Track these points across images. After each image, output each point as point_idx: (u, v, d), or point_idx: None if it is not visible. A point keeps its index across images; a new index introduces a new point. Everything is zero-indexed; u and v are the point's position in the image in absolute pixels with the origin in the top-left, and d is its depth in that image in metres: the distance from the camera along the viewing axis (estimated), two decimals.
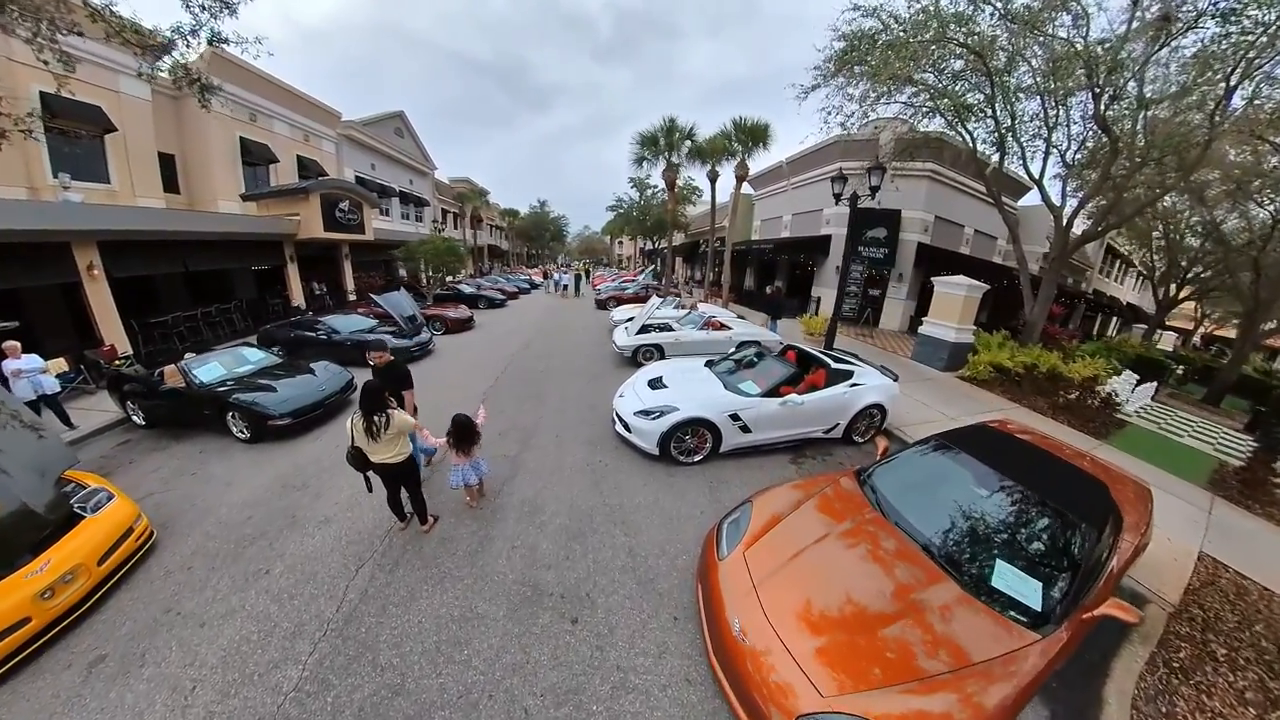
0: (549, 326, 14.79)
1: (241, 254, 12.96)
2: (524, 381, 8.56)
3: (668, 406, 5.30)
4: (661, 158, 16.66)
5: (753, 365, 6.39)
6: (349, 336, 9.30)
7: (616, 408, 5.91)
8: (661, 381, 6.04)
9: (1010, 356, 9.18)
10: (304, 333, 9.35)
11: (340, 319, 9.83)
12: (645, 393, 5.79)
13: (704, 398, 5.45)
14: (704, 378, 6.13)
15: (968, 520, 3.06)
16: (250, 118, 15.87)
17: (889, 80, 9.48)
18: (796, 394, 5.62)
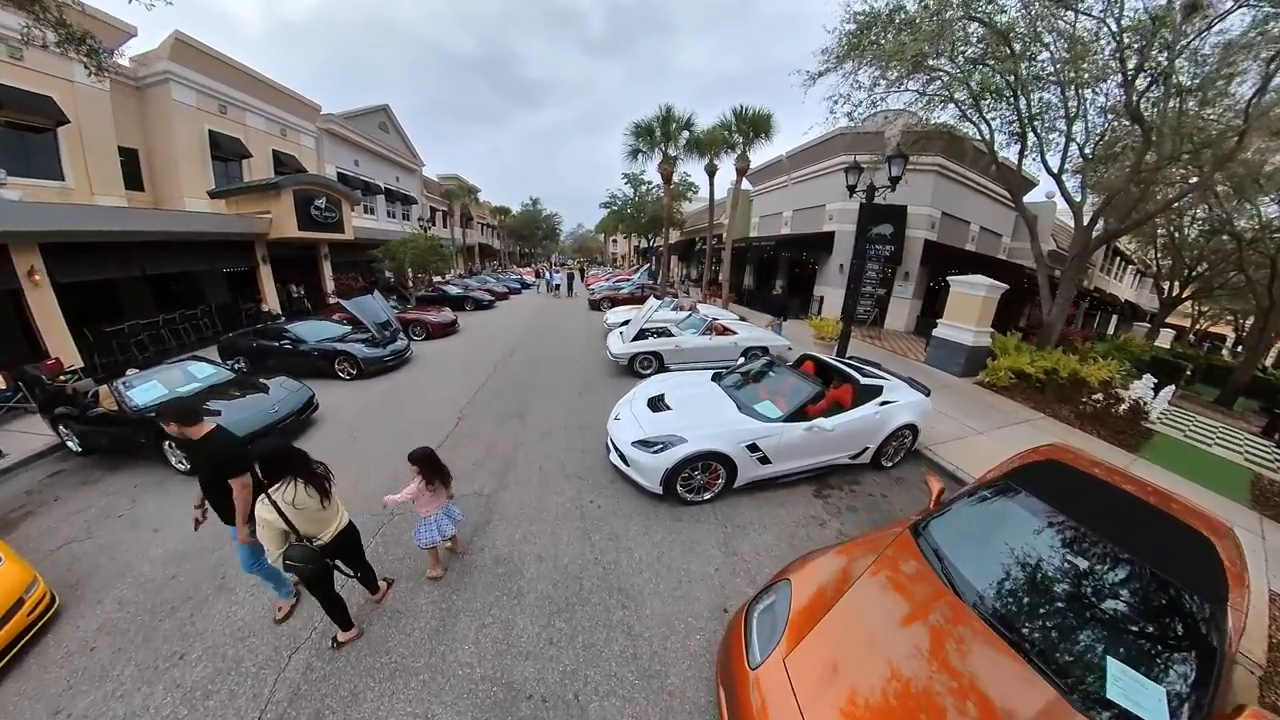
0: (538, 330, 14.07)
1: (208, 256, 12.12)
2: (506, 396, 7.81)
3: (673, 437, 4.49)
4: (657, 150, 15.84)
5: (767, 379, 5.63)
6: (316, 346, 8.55)
7: (612, 433, 5.10)
8: (664, 402, 5.27)
9: (1030, 361, 8.72)
10: (267, 342, 8.58)
11: (307, 326, 9.06)
12: (645, 415, 5.01)
13: (716, 424, 4.68)
14: (713, 396, 5.36)
15: (1058, 599, 2.41)
16: (220, 109, 14.96)
17: (904, 64, 8.84)
18: (824, 418, 4.85)
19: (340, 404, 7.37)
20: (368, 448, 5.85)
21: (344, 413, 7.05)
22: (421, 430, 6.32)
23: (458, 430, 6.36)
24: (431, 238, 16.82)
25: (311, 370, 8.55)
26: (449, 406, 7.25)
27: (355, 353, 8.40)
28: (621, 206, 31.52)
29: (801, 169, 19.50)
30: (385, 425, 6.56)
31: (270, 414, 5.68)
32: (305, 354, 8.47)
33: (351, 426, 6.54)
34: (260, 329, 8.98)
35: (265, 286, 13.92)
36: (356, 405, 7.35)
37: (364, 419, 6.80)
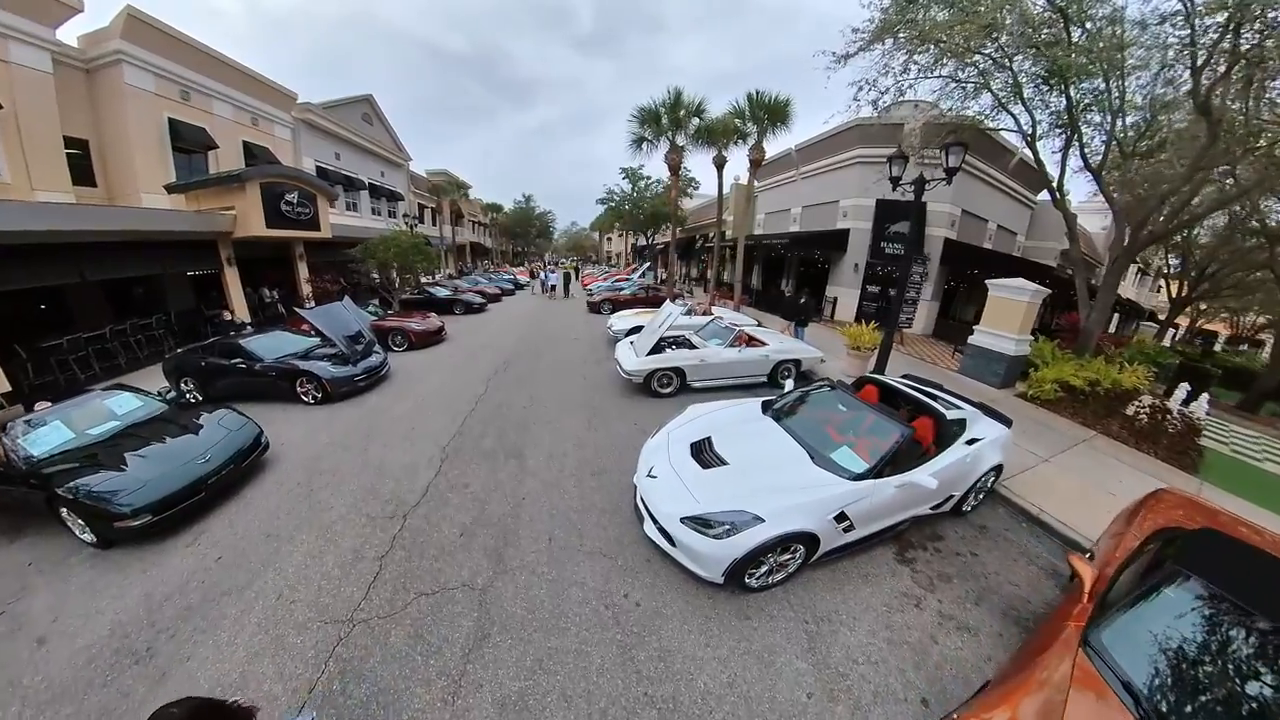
0: (535, 337, 12.90)
1: (163, 258, 10.84)
2: (500, 426, 6.63)
3: (740, 515, 3.36)
4: (664, 138, 14.60)
5: (835, 411, 4.66)
6: (274, 364, 7.33)
7: (646, 496, 3.97)
8: (712, 449, 4.18)
9: (1075, 372, 8.16)
10: (217, 360, 7.38)
11: (265, 340, 7.83)
12: (691, 472, 3.92)
13: (791, 490, 3.60)
14: (775, 441, 4.28)
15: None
16: (182, 95, 13.60)
17: (952, 44, 7.86)
18: (917, 467, 3.95)
19: (299, 438, 6.23)
20: (326, 507, 4.70)
21: (302, 451, 5.89)
22: (394, 476, 5.22)
23: (440, 479, 5.20)
24: (415, 234, 15.54)
25: (270, 392, 7.40)
26: (430, 442, 6.10)
27: (319, 372, 7.23)
28: (619, 203, 30.32)
29: (812, 163, 18.54)
30: (350, 469, 5.41)
31: (198, 465, 4.50)
32: (262, 374, 7.27)
33: (309, 471, 5.39)
34: (208, 345, 7.75)
35: (231, 291, 12.64)
36: (318, 439, 6.20)
37: (325, 460, 5.64)
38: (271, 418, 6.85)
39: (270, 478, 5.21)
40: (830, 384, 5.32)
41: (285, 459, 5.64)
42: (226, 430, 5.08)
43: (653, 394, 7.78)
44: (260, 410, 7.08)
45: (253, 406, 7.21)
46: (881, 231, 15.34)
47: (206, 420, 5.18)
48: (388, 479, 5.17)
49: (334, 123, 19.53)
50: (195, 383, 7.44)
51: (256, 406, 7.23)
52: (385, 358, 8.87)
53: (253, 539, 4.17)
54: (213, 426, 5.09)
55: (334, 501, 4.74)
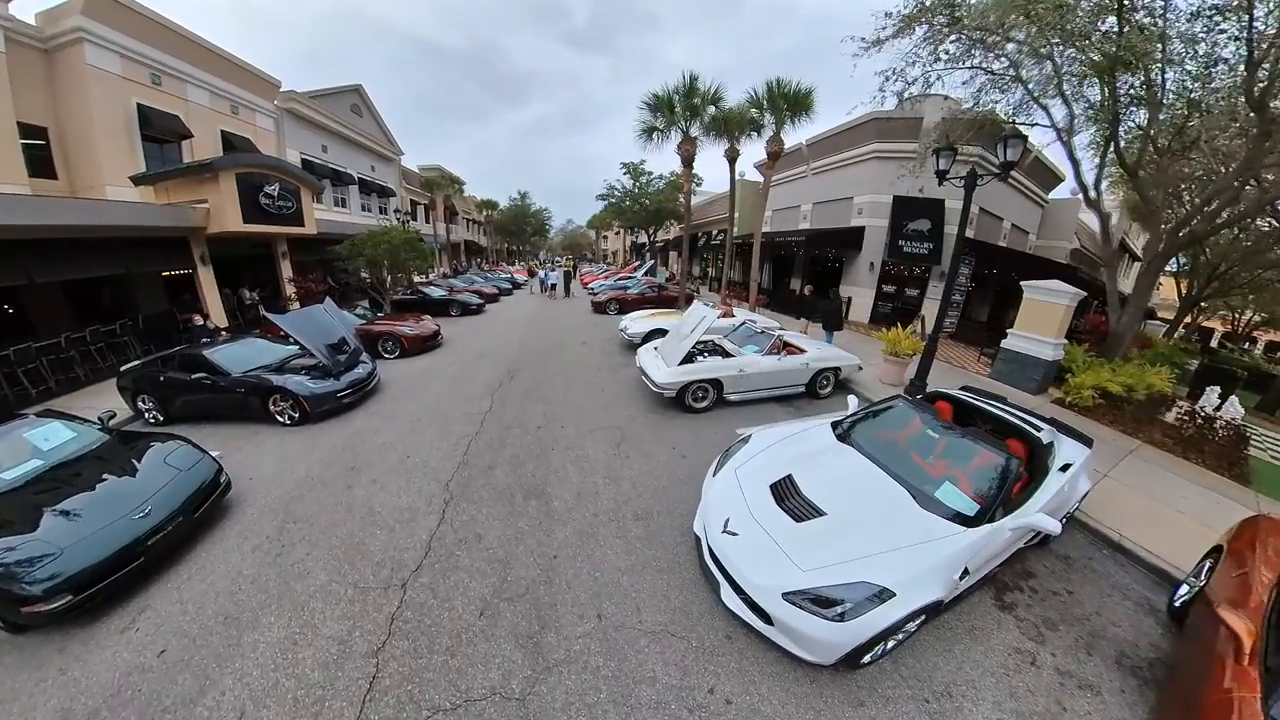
0: (539, 341, 11.95)
1: (128, 257, 9.80)
2: (513, 455, 5.63)
3: (863, 589, 2.68)
4: (675, 128, 13.66)
5: (918, 435, 4.06)
6: (243, 378, 6.34)
7: (725, 559, 3.17)
8: (799, 492, 3.45)
9: (1111, 377, 7.89)
10: (178, 374, 6.38)
11: (234, 349, 6.84)
12: (781, 525, 3.18)
13: (915, 550, 2.92)
14: (866, 478, 3.61)
15: None
16: (152, 80, 12.51)
17: (988, 31, 7.34)
18: (1025, 504, 3.41)
19: (270, 471, 5.27)
20: (301, 572, 3.74)
21: (273, 489, 4.91)
22: (387, 525, 4.28)
23: (446, 529, 4.23)
24: (408, 230, 14.53)
25: (240, 412, 6.44)
26: (429, 476, 5.16)
27: (295, 389, 6.25)
28: (621, 199, 29.36)
29: (824, 158, 17.83)
30: (332, 516, 4.45)
31: (136, 522, 3.54)
32: (229, 390, 6.29)
33: (281, 518, 4.43)
34: (168, 357, 6.74)
35: (206, 293, 11.60)
36: (293, 473, 5.24)
37: (302, 503, 4.68)
38: (239, 443, 5.93)
39: (232, 529, 4.26)
40: (906, 400, 4.63)
41: (252, 501, 4.69)
42: (175, 470, 4.11)
43: (686, 409, 6.91)
44: (228, 434, 6.19)
45: (220, 429, 6.33)
46: (899, 229, 14.74)
47: (152, 457, 4.22)
48: (379, 529, 4.24)
49: (321, 113, 18.44)
50: (154, 401, 6.45)
51: (224, 429, 6.34)
52: (374, 368, 7.89)
53: (207, 622, 3.25)
54: (158, 466, 4.12)
55: (311, 564, 3.80)
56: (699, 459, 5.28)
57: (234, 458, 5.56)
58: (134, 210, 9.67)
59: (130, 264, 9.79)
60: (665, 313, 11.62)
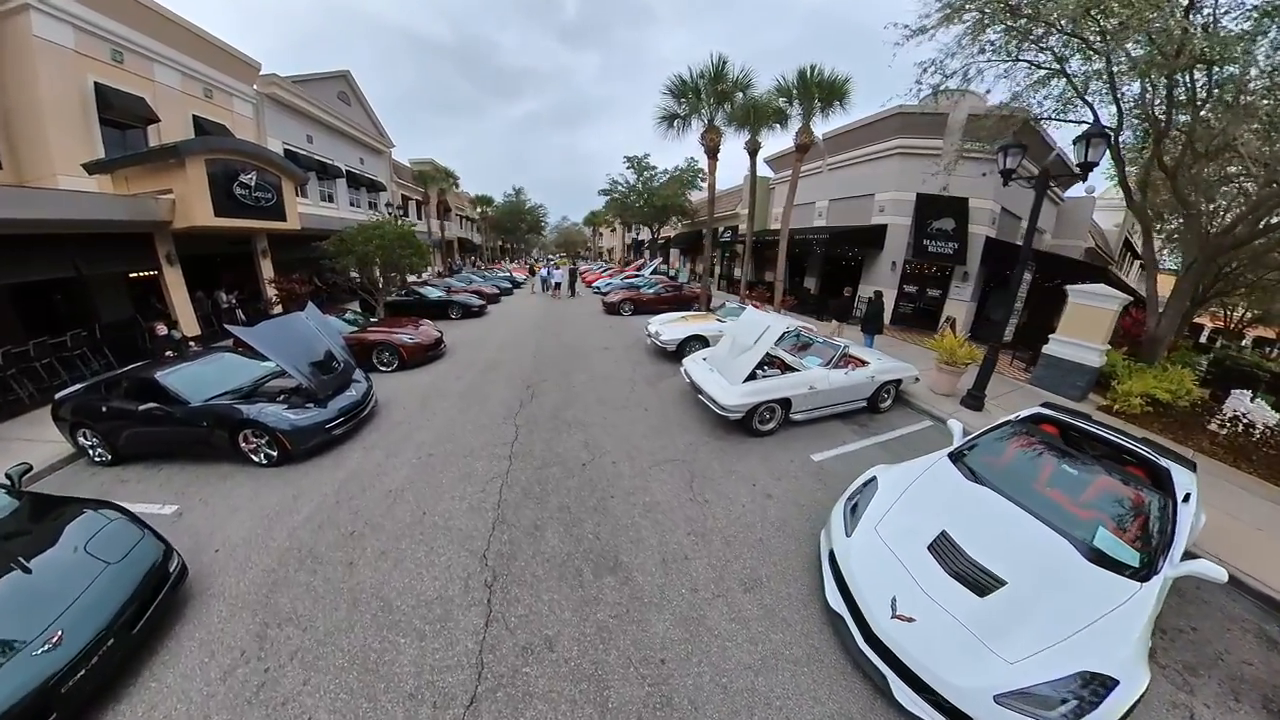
0: (554, 348, 10.73)
1: (78, 256, 8.43)
2: (562, 507, 4.41)
3: (1083, 680, 2.29)
4: (698, 117, 12.51)
5: (1035, 460, 3.73)
6: (206, 407, 5.05)
7: (904, 651, 2.59)
8: (963, 553, 2.93)
9: (1156, 383, 7.70)
10: (124, 403, 5.08)
11: (196, 369, 5.52)
12: (963, 603, 2.66)
13: (1113, 620, 2.57)
14: (1021, 527, 3.13)
15: None
16: (113, 56, 11.07)
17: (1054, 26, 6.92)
18: (1177, 550, 2.97)
19: (242, 539, 4.01)
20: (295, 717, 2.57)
21: (246, 572, 3.65)
22: (414, 629, 3.08)
23: (498, 632, 3.07)
24: (403, 224, 13.22)
25: (204, 449, 5.18)
26: (457, 543, 3.93)
27: (271, 422, 4.99)
28: (624, 194, 28.13)
29: (842, 153, 16.92)
30: (332, 621, 3.20)
31: (33, 663, 2.28)
32: (189, 422, 5.02)
33: (258, 622, 3.18)
34: (112, 380, 5.39)
35: (173, 296, 10.23)
36: (272, 540, 3.99)
37: (286, 593, 3.44)
38: (204, 491, 4.70)
39: (192, 640, 3.02)
40: (1019, 426, 4.19)
41: (220, 589, 3.46)
42: (103, 564, 2.85)
43: (750, 431, 6.02)
44: (191, 477, 4.95)
45: (181, 471, 5.08)
46: (923, 228, 14.19)
47: (72, 538, 2.97)
48: (403, 635, 3.03)
49: (306, 100, 17.00)
50: (98, 436, 5.16)
51: (186, 471, 5.09)
52: (369, 387, 6.61)
53: None
54: (77, 557, 2.85)
55: (312, 703, 2.60)
56: (785, 498, 4.65)
57: (195, 514, 4.34)
58: (80, 201, 8.25)
59: (81, 265, 8.40)
60: (696, 316, 10.52)
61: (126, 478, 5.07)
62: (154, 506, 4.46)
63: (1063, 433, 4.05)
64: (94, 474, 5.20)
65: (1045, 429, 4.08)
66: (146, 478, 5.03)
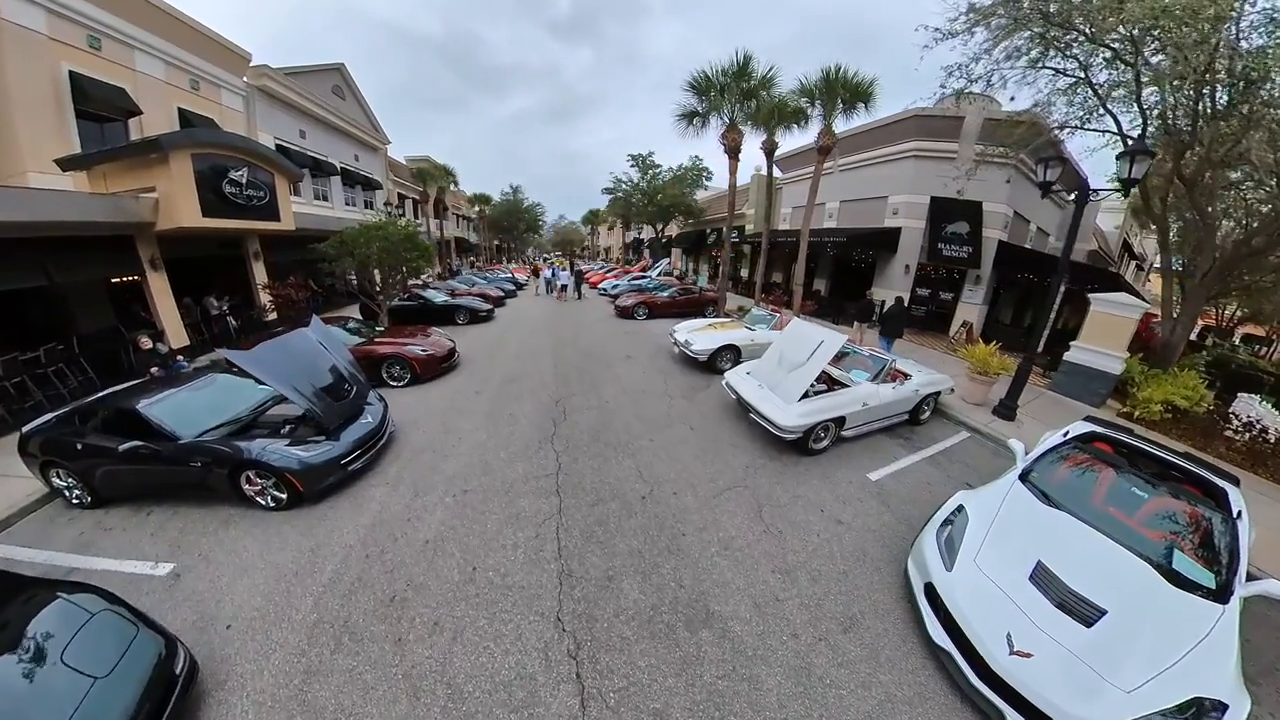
0: (574, 357, 10.05)
1: (49, 263, 7.59)
2: (634, 554, 3.91)
3: (1201, 708, 2.32)
4: (719, 115, 11.93)
5: (1096, 479, 3.74)
6: (200, 444, 4.30)
7: (1022, 684, 2.54)
8: (1061, 584, 2.91)
9: (1173, 390, 7.80)
10: (102, 440, 4.29)
11: (185, 397, 4.74)
12: (1075, 636, 2.63)
13: (1211, 646, 2.57)
14: (1105, 553, 3.12)
15: None
16: (90, 43, 10.16)
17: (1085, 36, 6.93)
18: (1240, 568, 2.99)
19: (256, 611, 3.32)
20: None
21: (269, 657, 2.98)
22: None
23: (599, 713, 2.58)
24: (408, 224, 12.43)
25: (199, 490, 4.46)
26: (523, 605, 3.33)
27: (278, 462, 4.26)
28: (628, 193, 27.46)
29: (854, 154, 16.56)
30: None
31: None
32: (180, 462, 4.28)
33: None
34: (87, 408, 4.61)
35: (158, 305, 9.39)
36: (296, 613, 3.31)
37: (323, 684, 2.78)
38: (203, 543, 4.00)
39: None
40: (1078, 444, 4.16)
41: (236, 684, 2.77)
42: (88, 679, 2.15)
43: (805, 450, 5.71)
44: (187, 522, 4.27)
45: (175, 515, 4.37)
46: (938, 232, 14.13)
47: (41, 644, 2.24)
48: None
49: (299, 93, 16.10)
50: (74, 477, 4.41)
51: (181, 514, 4.38)
52: (385, 410, 5.83)
53: None
54: (53, 672, 2.14)
55: None
56: (856, 524, 4.47)
57: (196, 575, 3.64)
58: (51, 201, 7.40)
59: (54, 271, 7.57)
60: (725, 324, 9.94)
61: (110, 524, 4.34)
62: (144, 565, 3.75)
63: (1116, 450, 4.09)
64: (72, 519, 4.45)
65: (1099, 446, 4.11)
66: (134, 524, 4.30)
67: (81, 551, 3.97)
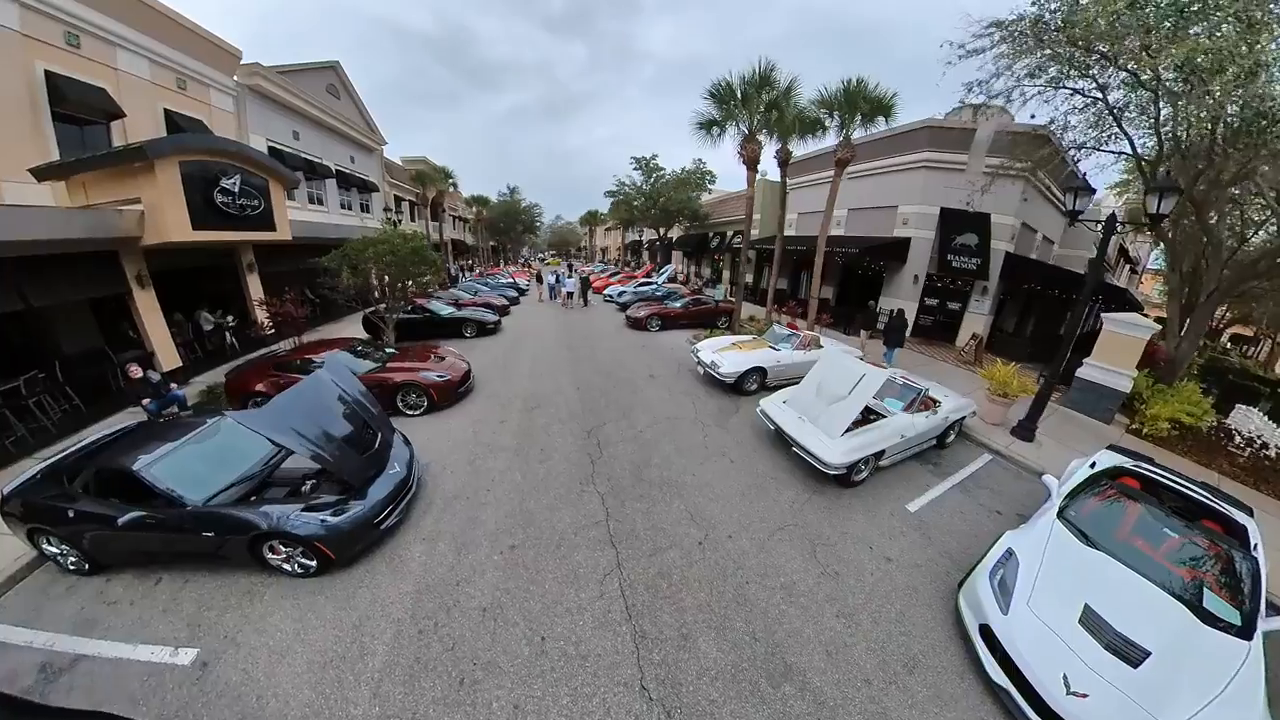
0: (595, 376, 9.60)
1: (23, 285, 6.93)
2: (704, 607, 3.79)
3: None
4: (737, 124, 11.61)
5: (1132, 519, 3.90)
6: (211, 511, 3.76)
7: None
8: (1107, 625, 3.08)
9: (1180, 407, 7.99)
10: (94, 506, 3.74)
11: (189, 455, 4.13)
12: (1129, 679, 2.79)
13: (1246, 683, 2.78)
14: (1144, 594, 3.28)
15: None
16: (68, 39, 9.43)
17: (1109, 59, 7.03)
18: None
19: (308, 709, 2.89)
20: None
21: None
22: None
23: None
24: (416, 235, 11.86)
25: (212, 559, 3.98)
26: (605, 676, 3.08)
27: (304, 531, 3.76)
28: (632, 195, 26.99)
29: (863, 163, 16.47)
30: None
31: None
32: (190, 530, 3.75)
33: None
34: (73, 468, 4.06)
35: (146, 324, 8.75)
36: (358, 712, 2.90)
37: None
38: (226, 621, 3.56)
39: None
40: (1109, 480, 4.38)
41: None
42: None
43: (848, 483, 5.69)
44: (204, 592, 3.83)
45: (190, 583, 3.90)
46: (947, 243, 14.20)
47: None
48: None
49: (292, 92, 15.37)
50: (67, 544, 3.88)
51: (197, 583, 3.91)
52: (413, 455, 5.22)
53: None
54: None
55: None
56: (903, 560, 4.54)
57: (226, 664, 3.21)
58: (20, 219, 6.72)
59: (30, 294, 6.92)
60: (749, 343, 9.59)
61: (114, 595, 3.84)
62: (163, 651, 3.29)
63: (1142, 485, 4.33)
64: (68, 588, 3.94)
65: (1126, 482, 4.32)
66: (141, 596, 3.82)
67: (86, 633, 3.48)
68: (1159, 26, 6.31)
